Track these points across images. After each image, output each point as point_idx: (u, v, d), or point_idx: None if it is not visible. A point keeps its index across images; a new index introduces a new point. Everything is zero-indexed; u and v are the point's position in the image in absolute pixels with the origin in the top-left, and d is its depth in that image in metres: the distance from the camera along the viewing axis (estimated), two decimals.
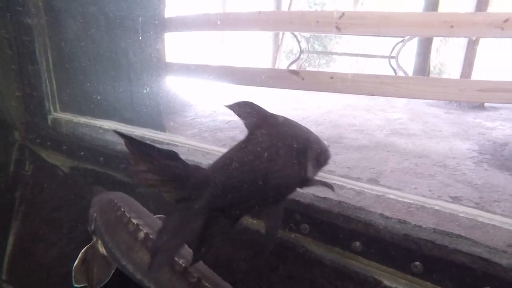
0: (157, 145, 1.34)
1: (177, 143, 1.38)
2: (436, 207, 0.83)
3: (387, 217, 0.76)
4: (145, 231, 0.76)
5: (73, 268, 0.81)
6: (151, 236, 0.75)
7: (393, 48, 4.89)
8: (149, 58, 2.98)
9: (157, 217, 0.85)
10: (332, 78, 2.34)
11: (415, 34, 2.12)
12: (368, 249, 0.74)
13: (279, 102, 3.99)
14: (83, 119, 1.60)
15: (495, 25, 1.99)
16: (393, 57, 4.70)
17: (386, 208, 0.79)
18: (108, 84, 2.40)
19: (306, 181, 0.60)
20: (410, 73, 4.83)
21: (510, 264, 0.60)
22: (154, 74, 3.05)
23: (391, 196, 0.88)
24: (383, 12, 2.12)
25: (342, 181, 0.98)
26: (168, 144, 1.37)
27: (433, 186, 1.68)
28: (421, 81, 2.20)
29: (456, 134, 2.69)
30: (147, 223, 0.79)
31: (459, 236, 0.68)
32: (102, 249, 0.80)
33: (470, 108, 3.61)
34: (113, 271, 0.79)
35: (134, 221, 0.78)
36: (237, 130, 2.70)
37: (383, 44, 8.07)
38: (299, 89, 2.49)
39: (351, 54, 6.00)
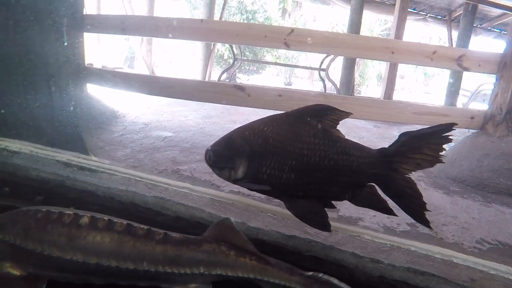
0: (77, 171, 1.04)
1: (106, 170, 1.10)
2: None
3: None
4: (88, 215, 0.66)
5: None
6: (98, 217, 0.66)
7: (323, 61, 5.10)
8: (66, 62, 2.49)
9: None
10: (280, 96, 2.25)
11: (360, 56, 2.16)
12: None
13: (216, 113, 3.78)
14: None
15: (426, 55, 2.15)
16: (323, 70, 4.89)
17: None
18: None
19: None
20: (337, 84, 5.10)
21: None
22: (72, 80, 2.56)
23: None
24: (331, 33, 2.12)
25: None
26: (95, 171, 1.07)
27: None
28: (366, 102, 2.25)
29: None
30: (82, 211, 0.69)
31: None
32: (16, 271, 0.67)
33: (393, 122, 3.94)
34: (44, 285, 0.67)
35: (68, 211, 0.67)
36: (176, 149, 2.42)
37: (311, 54, 8.48)
38: (244, 106, 2.33)
39: (283, 64, 6.10)
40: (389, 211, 0.65)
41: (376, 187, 0.65)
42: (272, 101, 2.23)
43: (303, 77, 8.02)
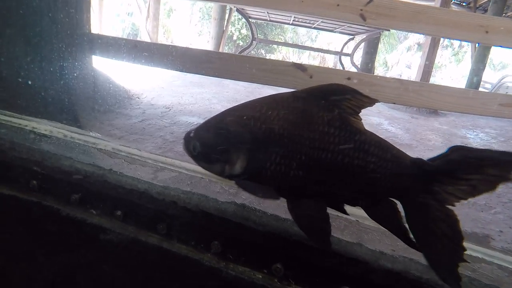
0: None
1: (163, 165, 0.80)
2: None
3: None
4: None
5: None
6: None
7: (344, 45, 4.76)
8: (70, 29, 2.03)
9: None
10: (349, 79, 1.89)
11: (448, 36, 1.83)
12: None
13: (241, 97, 3.38)
14: None
15: None
16: (345, 54, 4.55)
17: None
18: None
19: None
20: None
21: None
22: (77, 52, 2.11)
23: None
24: (417, 5, 1.76)
25: None
26: (147, 164, 0.79)
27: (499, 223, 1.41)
28: (447, 91, 1.93)
29: (447, 145, 2.57)
30: None
31: None
32: None
33: (427, 113, 3.67)
34: None
35: None
36: None
37: (319, 39, 8.15)
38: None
39: (302, 47, 5.70)
40: (410, 243, 0.49)
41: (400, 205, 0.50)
42: None
43: (310, 62, 7.66)
